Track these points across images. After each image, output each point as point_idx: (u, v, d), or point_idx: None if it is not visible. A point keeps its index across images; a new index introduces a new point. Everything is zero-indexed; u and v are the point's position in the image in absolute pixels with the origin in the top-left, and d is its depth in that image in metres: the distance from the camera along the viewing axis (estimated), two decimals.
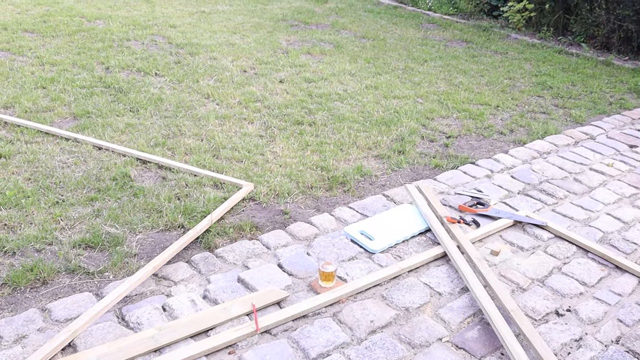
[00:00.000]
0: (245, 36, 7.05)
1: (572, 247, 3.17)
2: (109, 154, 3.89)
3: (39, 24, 6.85)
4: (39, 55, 5.77)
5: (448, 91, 5.58)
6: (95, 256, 2.88)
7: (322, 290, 2.67)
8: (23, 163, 3.69)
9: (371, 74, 5.95)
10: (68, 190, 3.42)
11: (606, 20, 7.31)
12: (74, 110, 4.54)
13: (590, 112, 5.30)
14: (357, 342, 2.41)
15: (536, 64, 6.68)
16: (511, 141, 4.58)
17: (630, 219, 3.51)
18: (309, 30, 7.61)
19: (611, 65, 6.80)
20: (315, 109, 4.88)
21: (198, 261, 2.86)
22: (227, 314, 2.46)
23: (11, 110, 4.51)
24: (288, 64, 6.05)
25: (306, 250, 3.00)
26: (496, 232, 3.27)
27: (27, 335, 2.34)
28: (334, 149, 4.19)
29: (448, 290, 2.75)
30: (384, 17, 8.78)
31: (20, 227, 3.05)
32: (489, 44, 7.48)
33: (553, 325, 2.56)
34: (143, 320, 2.45)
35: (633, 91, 5.94)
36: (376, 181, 3.84)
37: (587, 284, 2.87)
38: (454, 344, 2.43)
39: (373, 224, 3.21)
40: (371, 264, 2.93)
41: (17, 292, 2.61)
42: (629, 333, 2.55)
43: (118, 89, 5.02)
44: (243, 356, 2.29)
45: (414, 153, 4.23)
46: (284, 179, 3.71)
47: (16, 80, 5.07)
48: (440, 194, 3.68)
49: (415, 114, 4.92)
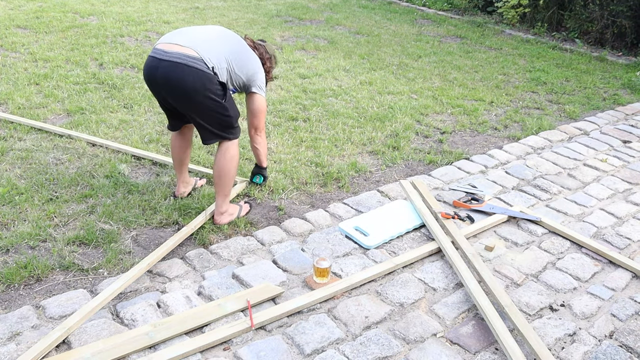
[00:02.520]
0: (240, 32, 7.03)
1: (566, 243, 3.18)
2: (103, 150, 3.88)
3: (32, 20, 6.81)
4: (32, 51, 5.73)
5: (442, 87, 5.58)
6: (89, 253, 2.87)
7: (317, 286, 2.67)
8: (16, 160, 3.68)
9: (365, 70, 5.95)
10: (62, 187, 3.41)
11: (600, 16, 7.33)
12: (67, 107, 4.52)
13: (584, 108, 5.32)
14: (352, 337, 2.41)
15: (530, 60, 6.69)
16: (505, 137, 4.59)
17: (624, 214, 3.53)
18: (303, 26, 7.60)
19: (605, 61, 6.82)
20: (310, 105, 4.88)
21: (193, 258, 2.86)
22: (222, 310, 2.46)
23: (4, 106, 4.49)
24: (282, 60, 6.04)
25: (301, 247, 3.00)
26: (490, 227, 3.28)
27: (21, 332, 2.34)
28: (329, 145, 4.19)
29: (442, 286, 2.76)
30: (378, 12, 8.77)
31: (13, 224, 3.04)
32: (483, 40, 7.48)
33: (547, 320, 2.57)
34: (138, 316, 2.44)
35: (627, 87, 5.96)
36: (371, 177, 3.84)
37: (581, 279, 2.88)
38: (449, 340, 2.44)
39: (367, 220, 3.21)
40: (366, 259, 2.93)
41: (11, 290, 2.60)
42: (622, 328, 2.56)
43: (112, 85, 5.00)
44: (238, 352, 2.29)
45: (408, 149, 4.24)
46: (278, 175, 3.71)
47: (9, 77, 5.04)
48: (435, 190, 3.68)
49: (410, 110, 4.92)
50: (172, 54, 2.75)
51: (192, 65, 2.73)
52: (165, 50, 2.78)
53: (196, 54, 2.76)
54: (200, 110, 2.87)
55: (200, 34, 2.91)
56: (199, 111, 2.87)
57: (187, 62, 2.73)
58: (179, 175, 3.33)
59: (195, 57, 2.75)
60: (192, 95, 2.78)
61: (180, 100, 2.84)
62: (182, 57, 2.74)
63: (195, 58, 2.75)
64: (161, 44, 2.83)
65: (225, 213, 3.13)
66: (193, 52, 2.76)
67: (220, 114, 2.91)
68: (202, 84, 2.76)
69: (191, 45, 2.79)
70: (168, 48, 2.78)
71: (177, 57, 2.74)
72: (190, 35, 2.88)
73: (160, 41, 2.86)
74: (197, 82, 2.74)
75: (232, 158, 3.03)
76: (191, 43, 2.80)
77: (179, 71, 2.73)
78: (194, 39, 2.83)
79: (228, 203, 3.13)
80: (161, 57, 2.77)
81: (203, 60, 2.76)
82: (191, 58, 2.74)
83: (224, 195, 3.07)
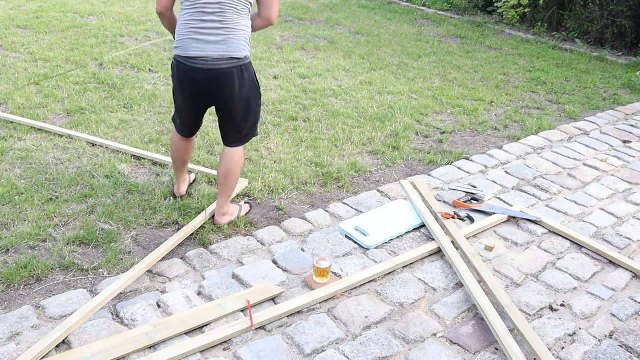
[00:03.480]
0: None
1: (566, 243, 3.18)
2: (103, 150, 3.88)
3: (32, 20, 6.81)
4: (32, 51, 5.73)
5: (442, 87, 5.58)
6: (89, 253, 2.87)
7: (317, 286, 2.67)
8: (16, 160, 3.68)
9: (365, 70, 5.95)
10: (62, 187, 3.41)
11: (600, 16, 7.33)
12: (67, 107, 4.52)
13: (584, 108, 5.32)
14: (352, 337, 2.41)
15: (530, 60, 6.69)
16: (505, 137, 4.59)
17: (624, 214, 3.53)
18: (303, 26, 7.60)
19: (605, 61, 6.82)
20: (310, 105, 4.88)
21: (193, 258, 2.86)
22: (222, 310, 2.46)
23: (4, 106, 4.49)
24: (282, 60, 6.04)
25: (301, 246, 3.00)
26: (490, 227, 3.28)
27: (21, 332, 2.34)
28: (329, 145, 4.19)
29: (442, 286, 2.76)
30: (378, 12, 8.77)
31: (13, 224, 3.04)
32: (483, 40, 7.48)
33: (547, 320, 2.57)
34: (138, 317, 2.44)
35: (627, 87, 5.96)
36: (371, 177, 3.84)
37: (581, 279, 2.88)
38: (449, 340, 2.44)
39: (367, 220, 3.21)
40: (366, 259, 2.93)
41: (11, 290, 2.60)
42: (622, 328, 2.56)
43: (112, 85, 5.00)
44: (238, 352, 2.29)
45: (408, 149, 4.24)
46: (278, 175, 3.71)
47: (9, 77, 5.04)
48: (435, 190, 3.68)
49: (410, 110, 4.92)
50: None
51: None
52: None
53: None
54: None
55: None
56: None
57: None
58: (180, 174, 3.33)
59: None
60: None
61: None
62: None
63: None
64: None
65: (226, 214, 3.13)
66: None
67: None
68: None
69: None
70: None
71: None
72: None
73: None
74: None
75: (240, 159, 3.04)
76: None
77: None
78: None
79: (229, 204, 3.14)
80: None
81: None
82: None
83: (228, 197, 3.08)
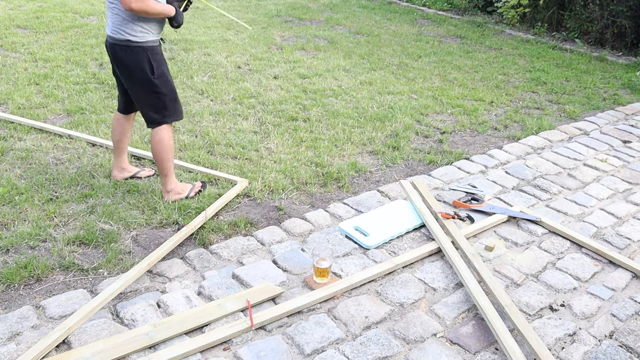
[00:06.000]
0: (240, 32, 7.03)
1: (566, 243, 3.18)
2: (103, 150, 3.88)
3: (32, 20, 6.81)
4: (32, 51, 5.73)
5: (442, 87, 5.58)
6: (89, 253, 2.87)
7: (317, 286, 2.67)
8: (16, 160, 3.68)
9: (365, 70, 5.95)
10: (62, 187, 3.41)
11: (600, 16, 7.33)
12: (67, 107, 4.52)
13: (584, 108, 5.32)
14: (352, 337, 2.41)
15: (530, 60, 6.69)
16: (505, 137, 4.59)
17: (624, 214, 3.53)
18: (304, 26, 7.60)
19: (605, 61, 6.82)
20: (310, 105, 4.88)
21: (193, 258, 2.86)
22: (222, 310, 2.46)
23: (4, 106, 4.49)
24: (282, 60, 6.04)
25: (301, 247, 3.00)
26: (490, 227, 3.28)
27: (21, 332, 2.34)
28: (329, 145, 4.19)
29: (442, 286, 2.76)
30: (378, 12, 8.77)
31: (13, 224, 3.04)
32: (483, 40, 7.48)
33: (547, 320, 2.57)
34: (138, 316, 2.44)
35: (627, 87, 5.96)
36: (371, 177, 3.84)
37: (581, 279, 2.88)
38: (449, 339, 2.44)
39: (368, 220, 3.21)
40: (366, 259, 2.93)
41: (11, 290, 2.60)
42: (622, 328, 2.56)
43: (112, 85, 5.00)
44: (238, 352, 2.29)
45: (408, 149, 4.24)
46: (278, 175, 3.71)
47: (9, 77, 5.04)
48: (435, 190, 3.68)
49: (410, 110, 4.92)
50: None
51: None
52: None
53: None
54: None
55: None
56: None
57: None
58: (117, 157, 3.48)
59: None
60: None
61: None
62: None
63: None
64: None
65: (171, 192, 3.30)
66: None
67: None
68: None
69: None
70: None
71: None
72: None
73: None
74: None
75: (158, 142, 3.17)
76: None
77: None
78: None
79: (173, 182, 3.30)
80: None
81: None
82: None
83: (164, 175, 3.27)
